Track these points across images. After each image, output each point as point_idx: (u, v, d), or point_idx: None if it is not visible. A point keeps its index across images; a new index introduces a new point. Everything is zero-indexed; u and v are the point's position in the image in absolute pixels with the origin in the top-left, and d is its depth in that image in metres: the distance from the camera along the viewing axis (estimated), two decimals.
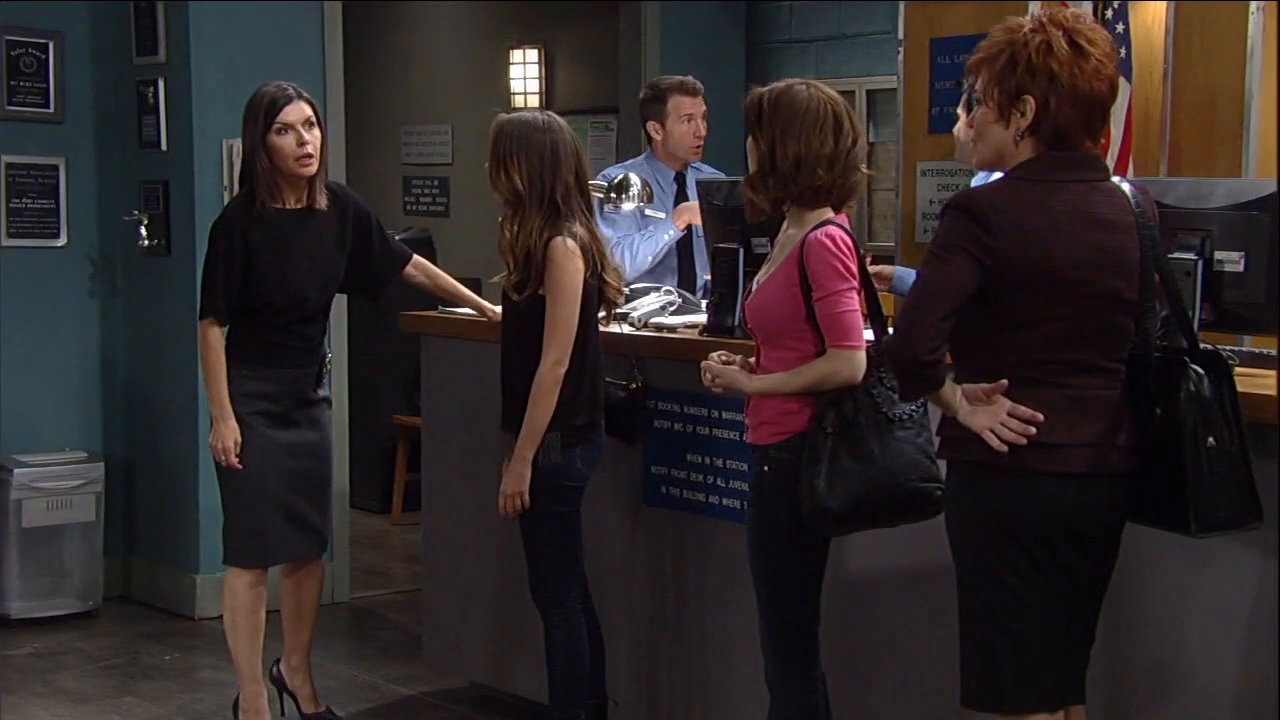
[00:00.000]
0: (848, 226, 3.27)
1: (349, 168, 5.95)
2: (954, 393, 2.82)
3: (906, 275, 4.49)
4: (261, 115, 4.05)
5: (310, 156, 4.08)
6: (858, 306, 3.18)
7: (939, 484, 3.11)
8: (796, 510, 3.18)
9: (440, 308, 4.66)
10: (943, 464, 2.95)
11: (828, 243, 3.18)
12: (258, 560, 4.23)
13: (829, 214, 3.26)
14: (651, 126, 5.09)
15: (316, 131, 4.12)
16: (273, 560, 4.27)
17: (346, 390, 5.89)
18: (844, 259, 3.17)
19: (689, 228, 4.97)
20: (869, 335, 3.25)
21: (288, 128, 4.06)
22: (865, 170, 3.30)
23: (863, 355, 3.17)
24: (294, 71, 5.45)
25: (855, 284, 3.18)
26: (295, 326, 4.15)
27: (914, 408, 3.13)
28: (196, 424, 5.55)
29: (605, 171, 5.09)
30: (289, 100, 4.08)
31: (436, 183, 8.84)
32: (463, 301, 4.47)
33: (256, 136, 4.06)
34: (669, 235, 4.91)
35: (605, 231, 5.04)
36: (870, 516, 3.18)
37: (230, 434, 4.08)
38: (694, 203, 4.87)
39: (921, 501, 3.14)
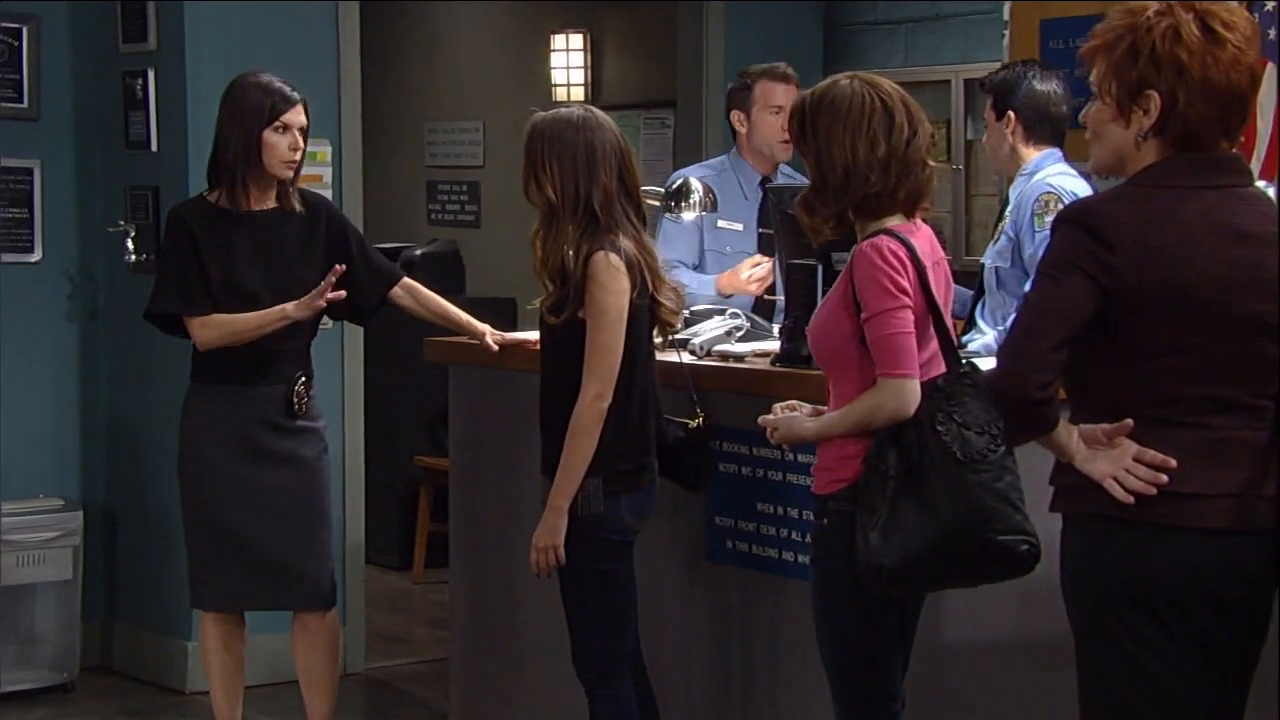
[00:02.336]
0: (910, 235, 3.25)
1: (365, 171, 6.00)
2: (1069, 435, 2.80)
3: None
4: (267, 110, 4.36)
5: (295, 162, 4.42)
6: (909, 328, 3.18)
7: (1026, 537, 3.09)
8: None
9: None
10: (1044, 519, 2.92)
11: (873, 255, 3.19)
12: (205, 602, 4.49)
13: (893, 222, 3.27)
14: (736, 117, 5.12)
15: (303, 138, 4.45)
16: (226, 606, 4.49)
17: (361, 429, 5.94)
18: (892, 273, 3.18)
19: (772, 245, 4.98)
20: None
21: (287, 128, 4.39)
22: (933, 164, 3.32)
23: (914, 384, 3.17)
24: (304, 59, 5.52)
25: (907, 301, 3.18)
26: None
27: (993, 446, 3.11)
28: None
29: (679, 172, 5.11)
30: (295, 103, 4.42)
31: (465, 188, 8.89)
32: (454, 325, 4.60)
33: (256, 128, 4.34)
34: (704, 301, 4.85)
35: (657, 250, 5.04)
36: (935, 576, 3.18)
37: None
38: (739, 273, 4.88)
39: (1003, 558, 3.11)
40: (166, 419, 5.68)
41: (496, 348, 4.46)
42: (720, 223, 5.04)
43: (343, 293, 4.32)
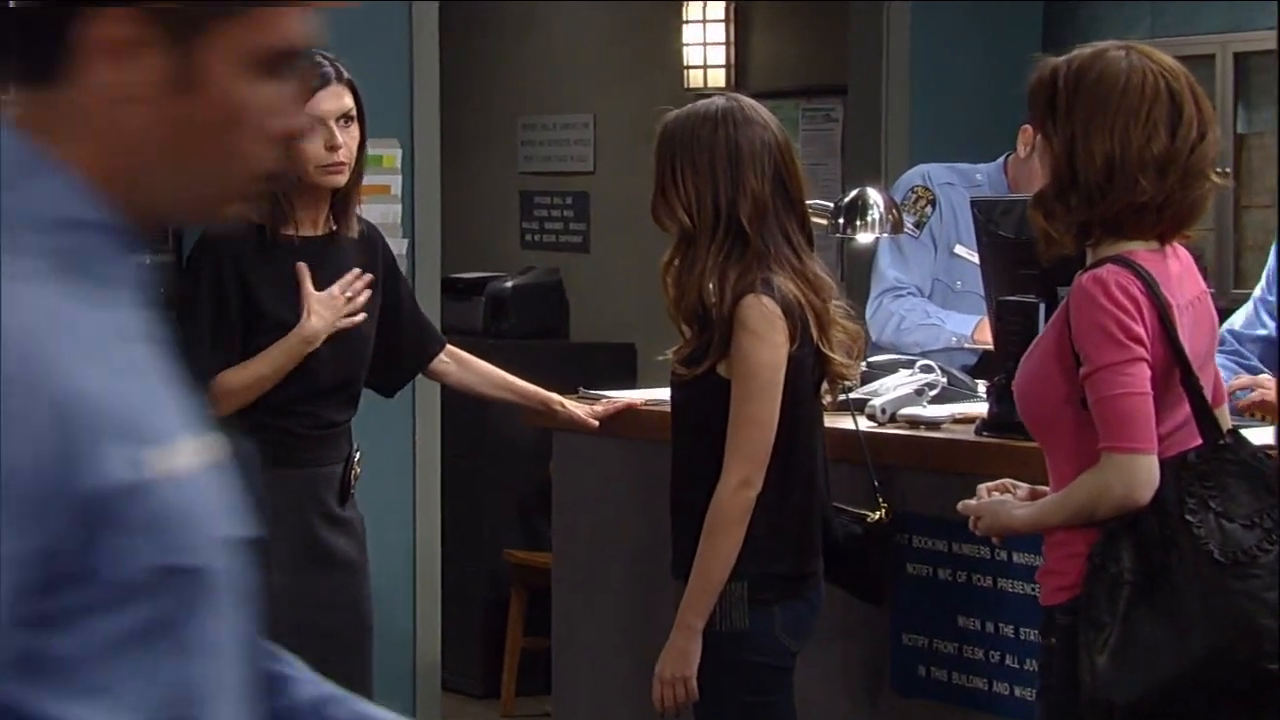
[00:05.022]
0: (1151, 264, 3.19)
1: (442, 180, 6.02)
2: None
3: None
4: None
5: (341, 164, 4.21)
6: (1144, 387, 3.14)
7: None
8: None
9: (581, 390, 4.70)
10: None
11: (1096, 291, 3.16)
12: None
13: (1137, 247, 3.22)
14: (1024, 134, 5.07)
15: (355, 130, 4.26)
16: None
17: (437, 517, 5.97)
18: (1121, 315, 3.14)
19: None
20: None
21: (317, 122, 4.18)
22: (1216, 178, 3.27)
23: (1148, 462, 3.14)
24: (366, 36, 5.55)
25: (1141, 353, 3.13)
26: (306, 404, 4.22)
27: (1265, 544, 3.08)
28: None
29: (920, 168, 5.19)
30: (323, 83, 4.21)
31: (570, 200, 8.92)
32: (519, 397, 4.52)
33: None
34: (955, 340, 4.91)
35: (889, 272, 5.02)
36: (1188, 716, 3.13)
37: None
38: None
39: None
40: None
41: (596, 423, 4.41)
42: (958, 249, 5.02)
43: (361, 299, 4.15)
